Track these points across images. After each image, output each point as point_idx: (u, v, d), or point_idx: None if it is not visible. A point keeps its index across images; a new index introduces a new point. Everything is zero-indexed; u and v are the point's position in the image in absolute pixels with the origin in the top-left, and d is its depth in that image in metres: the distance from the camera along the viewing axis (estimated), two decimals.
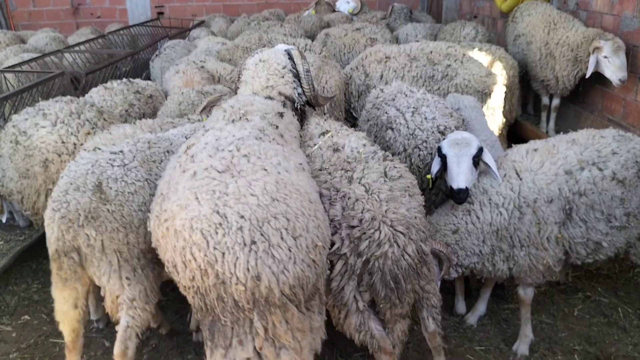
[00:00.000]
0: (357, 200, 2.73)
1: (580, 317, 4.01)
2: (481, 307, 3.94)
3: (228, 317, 2.27)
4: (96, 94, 4.61)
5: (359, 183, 2.82)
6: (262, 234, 2.19)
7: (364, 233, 2.65)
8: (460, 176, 3.32)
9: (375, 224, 2.65)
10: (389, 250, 2.63)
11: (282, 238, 2.22)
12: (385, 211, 2.68)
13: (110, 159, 2.85)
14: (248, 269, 2.16)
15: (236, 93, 3.84)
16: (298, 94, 3.65)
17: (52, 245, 2.73)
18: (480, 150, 3.35)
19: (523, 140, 3.97)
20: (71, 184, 2.75)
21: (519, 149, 3.58)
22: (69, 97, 3.98)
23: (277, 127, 2.98)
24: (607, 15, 6.09)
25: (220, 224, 2.21)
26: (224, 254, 2.18)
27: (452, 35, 7.39)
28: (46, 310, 4.18)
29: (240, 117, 2.98)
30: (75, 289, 2.81)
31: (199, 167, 2.46)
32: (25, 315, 4.14)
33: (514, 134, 6.46)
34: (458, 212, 3.41)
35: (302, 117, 3.71)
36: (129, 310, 2.78)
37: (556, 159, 3.39)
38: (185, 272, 2.28)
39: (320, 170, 3.03)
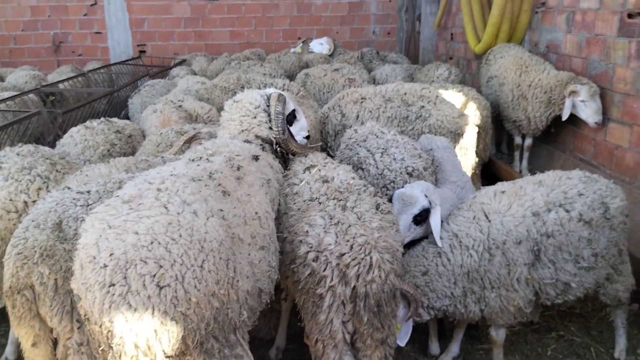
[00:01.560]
0: (350, 226, 2.81)
1: (554, 357, 4.01)
2: (454, 348, 3.92)
3: (99, 354, 2.20)
4: (77, 134, 4.58)
5: (352, 211, 2.91)
6: (124, 277, 2.06)
7: (354, 258, 2.72)
8: None
9: (368, 248, 2.73)
10: (376, 275, 2.70)
11: (144, 285, 2.06)
12: (377, 238, 2.78)
13: (74, 198, 2.85)
14: (102, 311, 2.06)
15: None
16: (273, 136, 3.54)
17: (6, 281, 2.70)
18: (424, 211, 3.43)
19: (497, 178, 4.05)
20: (33, 221, 2.75)
21: (487, 191, 3.64)
22: (29, 146, 3.87)
23: (239, 168, 2.95)
24: (576, 58, 6.30)
25: (93, 258, 2.13)
26: (87, 290, 2.11)
27: (426, 76, 7.57)
28: None
29: (200, 157, 2.96)
30: (32, 327, 2.75)
31: (115, 194, 2.43)
32: None
33: (488, 173, 6.57)
34: (428, 254, 3.44)
35: (285, 159, 3.68)
36: (75, 355, 2.71)
37: (523, 201, 3.45)
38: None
39: (312, 200, 3.08)
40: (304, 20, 12.63)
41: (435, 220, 3.43)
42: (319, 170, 3.37)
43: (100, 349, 2.16)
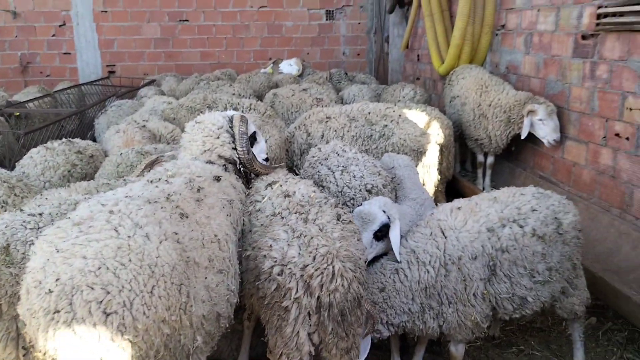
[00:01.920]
0: (312, 237, 2.85)
1: None
2: None
3: None
4: (37, 154, 4.53)
5: (314, 223, 2.95)
6: (70, 303, 2.00)
7: (317, 269, 2.74)
8: None
9: (330, 258, 2.76)
10: (339, 284, 2.73)
11: (89, 312, 2.00)
12: (339, 248, 2.81)
13: (25, 221, 2.78)
14: (46, 339, 2.01)
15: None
16: (237, 156, 3.53)
17: None
18: (384, 226, 3.48)
19: (462, 196, 4.12)
20: None
21: (444, 208, 3.71)
22: None
23: (199, 189, 2.93)
24: (534, 78, 6.51)
25: (39, 283, 2.07)
26: (32, 316, 2.06)
27: (392, 96, 7.72)
28: None
29: (159, 179, 2.93)
30: None
31: (67, 216, 2.38)
32: None
33: (453, 190, 6.68)
34: (386, 270, 3.47)
35: (248, 179, 3.67)
36: None
37: (478, 217, 3.53)
38: None
39: (274, 215, 3.11)
40: (275, 41, 12.79)
41: (394, 235, 3.48)
42: (281, 185, 3.40)
43: None
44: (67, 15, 11.91)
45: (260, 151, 3.76)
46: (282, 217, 3.07)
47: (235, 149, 3.49)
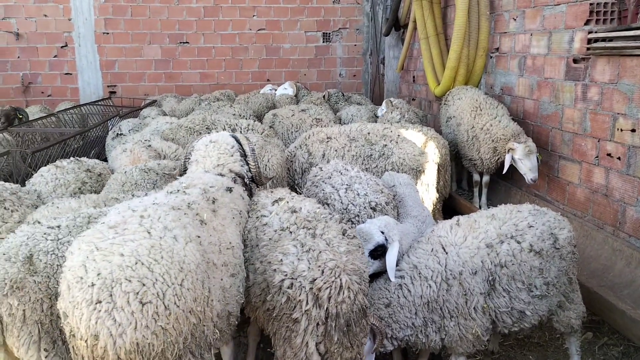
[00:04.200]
0: (321, 252, 2.99)
1: None
2: None
3: None
4: (47, 173, 4.63)
5: (322, 238, 3.09)
6: (110, 295, 2.26)
7: (326, 282, 2.87)
8: None
9: (337, 271, 2.90)
10: (346, 296, 2.87)
11: (127, 302, 2.26)
12: (345, 261, 2.95)
13: (45, 233, 2.95)
14: (89, 327, 2.24)
15: (183, 173, 4.03)
16: (245, 171, 3.95)
17: None
18: (380, 247, 3.60)
19: (459, 214, 4.25)
20: (4, 254, 2.83)
21: (444, 225, 3.83)
22: None
23: (214, 201, 3.16)
24: (528, 99, 6.71)
25: (81, 278, 2.31)
26: (74, 307, 2.28)
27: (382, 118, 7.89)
28: None
29: (178, 190, 3.16)
30: None
31: (101, 222, 2.61)
32: None
33: (450, 209, 6.82)
34: (390, 286, 3.58)
35: (250, 193, 3.94)
36: None
37: (478, 233, 3.66)
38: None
39: (282, 230, 3.26)
40: (273, 62, 13.02)
41: (390, 256, 3.58)
42: (287, 202, 3.57)
43: None
44: (69, 37, 12.11)
45: None
46: (291, 232, 3.21)
47: (243, 165, 3.93)
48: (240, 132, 6.20)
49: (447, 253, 3.59)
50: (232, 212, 3.33)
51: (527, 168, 5.92)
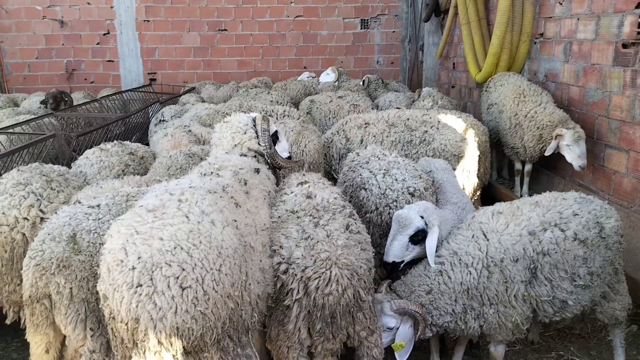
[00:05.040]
0: (317, 242, 3.00)
1: None
2: None
3: (119, 351, 2.41)
4: (92, 155, 4.75)
5: (323, 228, 3.10)
6: (151, 279, 2.27)
7: (316, 272, 2.89)
8: (390, 251, 3.63)
9: (329, 263, 2.91)
10: (334, 289, 2.88)
11: (168, 286, 2.26)
12: (339, 255, 2.95)
13: (86, 213, 3.03)
14: (130, 310, 2.26)
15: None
16: (261, 150, 3.91)
17: (26, 291, 2.87)
18: (420, 231, 3.57)
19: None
20: (48, 234, 2.92)
21: (485, 211, 3.76)
22: (34, 164, 3.98)
23: (245, 182, 3.20)
24: (574, 86, 6.50)
25: (121, 261, 2.32)
26: (115, 290, 2.30)
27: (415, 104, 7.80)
28: None
29: (212, 172, 3.20)
30: (47, 334, 2.92)
31: (139, 204, 2.64)
32: None
33: (490, 197, 6.70)
34: (431, 273, 3.55)
35: (274, 172, 3.97)
36: None
37: (520, 220, 3.58)
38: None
39: (292, 212, 3.29)
40: (310, 50, 12.98)
41: (430, 242, 3.56)
42: (309, 186, 3.60)
43: (125, 345, 2.35)
44: (111, 24, 12.35)
45: (282, 149, 4.08)
46: (298, 217, 3.25)
47: (259, 144, 3.87)
48: (277, 118, 6.21)
49: (488, 240, 3.53)
50: (263, 193, 3.39)
51: (576, 155, 5.74)
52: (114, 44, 12.44)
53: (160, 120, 7.30)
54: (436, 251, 3.58)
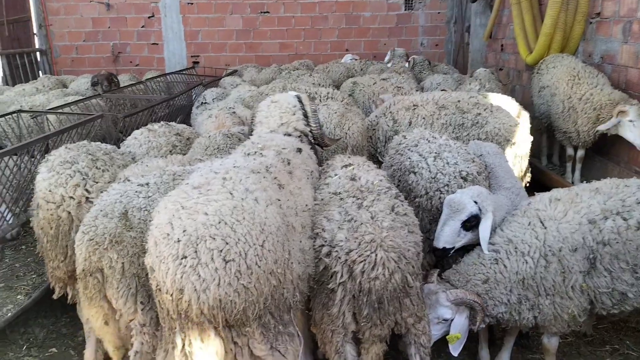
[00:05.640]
0: (361, 224, 2.92)
1: None
2: (504, 356, 3.86)
3: (166, 322, 2.44)
4: (140, 136, 4.77)
5: (367, 210, 3.02)
6: (195, 251, 2.29)
7: (361, 255, 2.81)
8: (440, 236, 3.51)
9: (374, 246, 2.82)
10: (380, 273, 2.78)
11: (212, 258, 2.29)
12: (384, 237, 2.85)
13: (136, 191, 3.08)
14: (174, 281, 2.29)
15: (250, 134, 4.07)
16: (309, 131, 3.94)
17: (79, 265, 2.94)
18: (473, 217, 3.43)
19: (549, 190, 3.99)
20: (101, 210, 2.98)
21: (542, 198, 3.60)
22: (82, 142, 4.02)
23: (289, 162, 3.19)
24: (633, 69, 6.17)
25: (167, 235, 2.36)
26: (161, 262, 2.34)
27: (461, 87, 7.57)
28: (73, 343, 4.27)
29: (255, 152, 3.21)
30: (101, 307, 2.98)
31: (185, 183, 2.69)
32: (53, 348, 4.23)
33: (540, 184, 6.46)
34: (486, 261, 3.42)
35: (316, 152, 3.96)
36: (138, 336, 2.92)
37: (579, 208, 3.40)
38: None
39: (335, 194, 3.24)
40: (352, 32, 12.80)
41: (484, 228, 3.43)
42: (353, 168, 3.54)
43: (169, 316, 2.38)
44: (155, 7, 12.45)
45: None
46: (341, 199, 3.17)
47: (307, 124, 3.89)
48: (320, 100, 6.12)
49: (545, 228, 3.37)
50: (305, 173, 3.38)
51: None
52: (159, 27, 12.55)
53: (202, 102, 7.32)
54: (489, 238, 3.45)
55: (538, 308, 3.36)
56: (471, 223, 3.46)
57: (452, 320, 3.33)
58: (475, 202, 3.47)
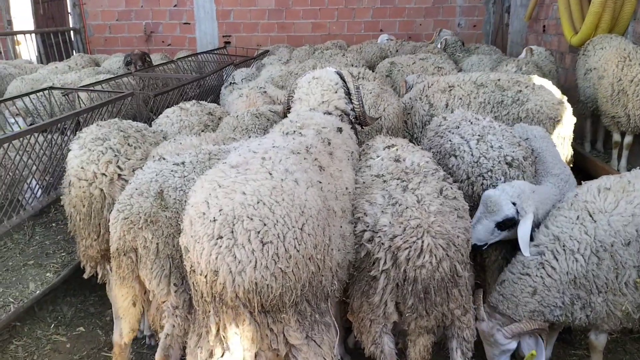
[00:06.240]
0: (407, 207, 2.74)
1: None
2: (547, 352, 3.67)
3: (200, 305, 2.35)
4: (172, 114, 4.69)
5: (413, 193, 2.83)
6: (231, 231, 2.18)
7: (406, 241, 2.64)
8: (473, 233, 3.28)
9: (420, 231, 2.64)
10: (427, 260, 2.61)
11: (249, 239, 2.16)
12: (432, 222, 2.67)
13: (172, 170, 2.98)
14: (209, 262, 2.18)
15: (286, 114, 3.90)
16: (350, 109, 3.78)
17: (113, 244, 2.87)
18: (509, 220, 3.24)
19: (592, 177, 3.73)
20: (136, 189, 2.89)
21: (589, 188, 3.30)
22: (113, 120, 3.95)
23: (329, 142, 3.04)
24: None
25: (203, 214, 2.25)
26: (196, 242, 2.23)
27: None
28: (101, 323, 4.25)
29: (294, 131, 3.06)
30: (132, 287, 2.93)
31: (223, 162, 2.58)
32: (81, 327, 4.22)
33: (583, 171, 6.16)
34: (531, 269, 3.17)
35: (356, 132, 3.80)
36: (170, 318, 2.84)
37: (632, 198, 3.13)
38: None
39: (378, 176, 3.07)
40: (387, 12, 12.48)
41: (523, 231, 3.22)
42: (397, 150, 3.36)
43: (203, 299, 2.28)
44: None
45: None
46: (384, 181, 2.99)
47: (348, 103, 3.76)
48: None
49: (595, 221, 3.11)
50: (346, 154, 3.23)
51: None
52: (191, 7, 12.46)
53: (230, 82, 7.20)
54: (533, 237, 3.24)
55: (590, 306, 3.13)
56: (506, 225, 3.28)
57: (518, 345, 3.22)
58: (514, 204, 3.26)
